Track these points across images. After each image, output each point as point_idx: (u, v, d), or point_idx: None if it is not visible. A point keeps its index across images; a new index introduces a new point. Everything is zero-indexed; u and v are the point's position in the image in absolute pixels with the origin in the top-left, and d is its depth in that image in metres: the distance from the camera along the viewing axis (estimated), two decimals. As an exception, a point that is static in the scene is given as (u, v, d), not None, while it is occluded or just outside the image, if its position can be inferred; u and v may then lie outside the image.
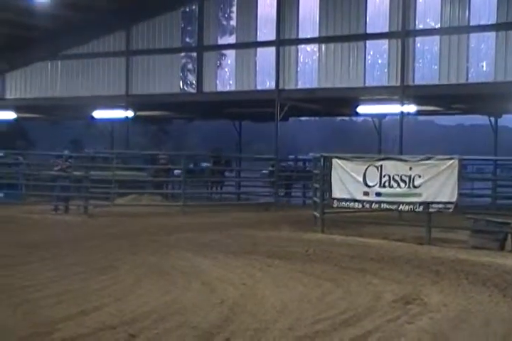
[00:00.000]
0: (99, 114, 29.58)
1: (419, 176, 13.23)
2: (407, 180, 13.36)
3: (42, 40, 27.96)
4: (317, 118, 50.79)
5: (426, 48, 22.44)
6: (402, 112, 22.53)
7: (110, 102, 27.59)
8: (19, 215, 17.45)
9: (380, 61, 23.21)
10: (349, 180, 14.13)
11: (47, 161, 22.94)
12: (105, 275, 8.76)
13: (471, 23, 21.19)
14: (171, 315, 6.57)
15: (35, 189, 21.04)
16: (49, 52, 28.70)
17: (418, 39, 22.29)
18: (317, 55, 23.95)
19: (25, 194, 20.96)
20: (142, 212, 18.92)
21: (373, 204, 13.89)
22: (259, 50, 25.09)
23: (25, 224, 15.65)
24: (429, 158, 13.33)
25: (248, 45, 25.11)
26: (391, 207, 13.73)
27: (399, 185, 13.47)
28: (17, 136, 40.07)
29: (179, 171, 22.35)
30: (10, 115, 31.34)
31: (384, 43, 22.91)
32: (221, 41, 26.21)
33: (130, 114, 27.88)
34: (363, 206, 14.06)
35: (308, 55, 24.33)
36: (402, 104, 22.35)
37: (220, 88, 26.03)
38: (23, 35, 27.76)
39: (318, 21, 23.65)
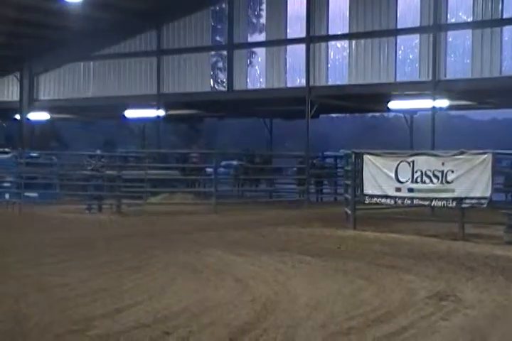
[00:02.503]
0: (130, 113, 29.82)
1: (452, 171, 13.09)
2: (439, 175, 13.23)
3: (74, 41, 28.26)
4: (348, 114, 50.54)
5: (458, 42, 22.19)
6: (434, 107, 22.33)
7: (142, 102, 27.79)
8: (54, 215, 17.68)
9: (411, 56, 23.01)
10: (381, 176, 14.05)
11: (80, 161, 23.20)
12: (139, 273, 8.83)
13: (504, 16, 20.90)
14: (204, 313, 6.60)
15: (69, 189, 21.29)
16: (81, 53, 29.00)
17: (450, 33, 22.05)
18: (347, 51, 23.83)
19: (59, 194, 21.22)
20: (174, 210, 19.02)
21: (405, 200, 13.78)
22: (289, 47, 25.05)
23: (60, 223, 15.84)
24: (462, 153, 13.18)
25: (278, 42, 25.09)
26: (423, 202, 13.62)
27: (431, 180, 13.35)
28: (51, 136, 40.56)
29: (211, 169, 22.41)
30: (44, 116, 31.75)
31: (415, 38, 22.70)
32: (251, 39, 26.22)
33: (161, 113, 28.06)
34: (395, 202, 13.97)
35: (338, 51, 24.22)
36: (434, 99, 22.15)
37: (250, 86, 26.04)
38: (55, 36, 28.10)
39: (348, 17, 23.52)
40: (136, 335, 5.84)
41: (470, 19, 21.68)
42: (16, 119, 32.15)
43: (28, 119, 31.26)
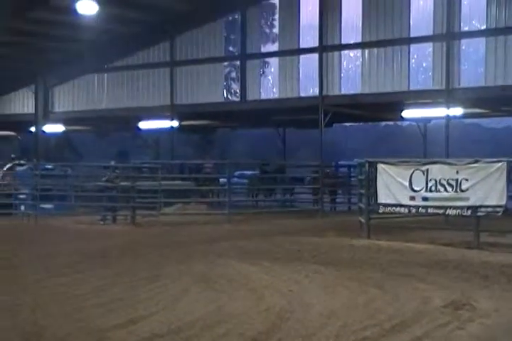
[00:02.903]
0: (144, 124, 29.97)
1: (467, 180, 13.03)
2: (454, 183, 13.18)
3: (88, 53, 28.47)
4: (362, 123, 50.49)
5: (471, 50, 22.17)
6: (447, 115, 22.28)
7: (155, 113, 27.93)
8: (68, 226, 17.76)
9: (424, 64, 23.01)
10: (395, 185, 14.01)
11: (94, 172, 23.30)
12: (153, 284, 8.84)
13: (518, 24, 20.87)
14: (218, 323, 6.60)
15: (84, 200, 21.38)
16: (95, 65, 29.22)
17: (463, 41, 22.03)
18: (360, 60, 23.86)
19: (74, 205, 21.32)
20: (188, 220, 19.04)
21: (420, 209, 13.73)
22: (302, 57, 25.11)
23: (75, 234, 15.91)
24: (476, 161, 13.13)
25: (291, 52, 25.16)
26: (438, 211, 13.56)
27: (446, 189, 13.29)
28: (66, 148, 40.81)
29: (224, 179, 22.44)
30: (59, 128, 31.98)
31: (428, 46, 22.70)
32: (264, 49, 26.33)
33: (175, 124, 28.17)
34: (409, 211, 13.92)
35: (351, 60, 24.26)
36: (448, 107, 22.10)
37: (263, 96, 26.12)
38: (69, 49, 28.33)
39: (361, 26, 23.57)
40: (150, 346, 5.86)
41: (483, 27, 21.65)
42: (31, 132, 32.40)
43: (43, 131, 31.49)
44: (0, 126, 32.42)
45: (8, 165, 22.06)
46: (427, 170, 13.60)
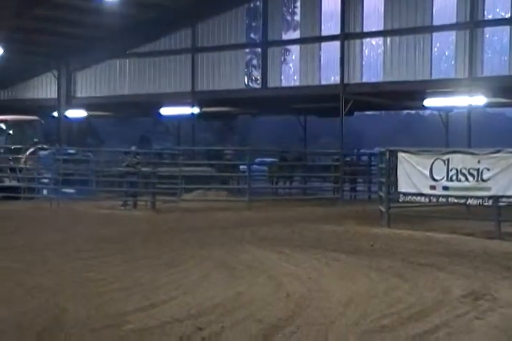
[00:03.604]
0: (166, 111, 30.05)
1: (488, 169, 12.94)
2: (475, 173, 13.09)
3: (110, 39, 28.57)
4: (383, 112, 50.23)
5: (495, 39, 21.95)
6: (470, 105, 22.10)
7: (177, 99, 27.99)
8: (90, 211, 17.91)
9: (446, 53, 22.83)
10: (415, 174, 13.95)
11: (116, 158, 23.43)
12: (173, 269, 8.91)
13: (543, 12, 20.63)
14: (237, 309, 6.64)
15: (105, 185, 21.53)
16: (117, 51, 29.31)
17: (487, 29, 21.82)
18: (382, 48, 23.72)
19: (95, 190, 21.49)
20: (208, 207, 19.12)
21: (440, 198, 13.68)
22: (324, 44, 25.01)
23: (96, 219, 16.05)
24: (498, 151, 13.02)
25: (312, 39, 25.07)
26: (459, 201, 13.49)
27: (467, 178, 13.21)
28: (87, 133, 41.07)
29: (245, 166, 22.47)
30: (81, 113, 32.16)
31: (451, 35, 22.51)
32: (285, 36, 26.25)
33: (196, 110, 28.22)
34: (430, 200, 13.86)
35: (373, 48, 24.13)
36: (471, 96, 21.91)
37: (284, 83, 26.08)
38: (92, 34, 28.43)
39: (383, 14, 23.41)
40: (169, 330, 5.91)
41: (508, 15, 21.41)
42: (53, 117, 32.63)
43: (66, 116, 31.70)
44: (23, 110, 32.63)
45: (31, 150, 22.25)
46: (448, 159, 13.51)
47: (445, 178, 13.51)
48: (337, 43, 24.20)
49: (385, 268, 9.06)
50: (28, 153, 22.16)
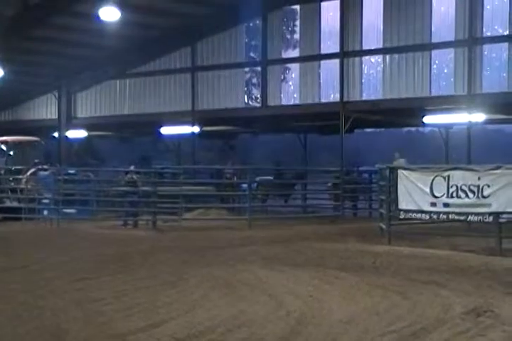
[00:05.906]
0: (166, 130, 30.11)
1: (489, 186, 12.96)
2: (475, 190, 13.10)
3: (110, 59, 28.71)
4: (383, 129, 50.29)
5: (494, 56, 22.02)
6: (469, 121, 22.15)
7: (177, 118, 28.05)
8: (90, 231, 17.88)
9: (445, 70, 22.90)
10: (416, 191, 13.96)
11: (116, 177, 23.46)
12: (174, 288, 8.89)
13: (541, 29, 20.73)
14: (238, 328, 6.63)
15: (106, 205, 21.53)
16: (117, 71, 29.44)
17: (485, 46, 21.89)
18: (381, 66, 23.80)
19: (96, 210, 21.48)
20: (209, 226, 19.09)
21: (441, 215, 13.68)
22: (323, 62, 25.10)
23: (97, 239, 16.02)
24: (498, 168, 13.04)
25: (312, 57, 25.16)
26: (459, 217, 13.50)
27: (467, 195, 13.22)
28: (88, 153, 41.11)
29: (245, 185, 22.45)
30: (81, 133, 32.25)
31: (450, 52, 22.59)
32: (285, 55, 26.36)
33: (196, 129, 28.28)
34: (430, 217, 13.87)
35: (372, 66, 24.21)
36: (470, 113, 21.97)
37: (284, 102, 26.14)
38: (92, 55, 28.57)
39: (382, 32, 23.51)
40: (171, 350, 5.89)
41: (506, 32, 21.50)
42: (54, 137, 32.69)
43: (66, 137, 31.77)
44: (24, 131, 32.72)
45: (32, 170, 22.28)
46: (448, 176, 13.54)
47: (445, 195, 13.52)
48: (336, 61, 24.28)
49: (386, 286, 9.05)
50: (28, 173, 22.19)
